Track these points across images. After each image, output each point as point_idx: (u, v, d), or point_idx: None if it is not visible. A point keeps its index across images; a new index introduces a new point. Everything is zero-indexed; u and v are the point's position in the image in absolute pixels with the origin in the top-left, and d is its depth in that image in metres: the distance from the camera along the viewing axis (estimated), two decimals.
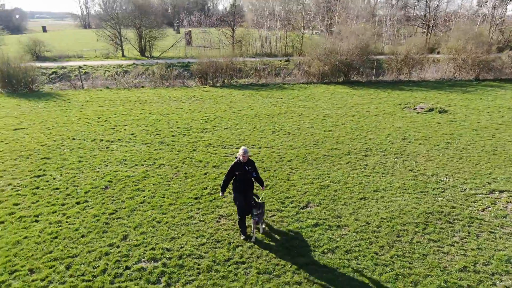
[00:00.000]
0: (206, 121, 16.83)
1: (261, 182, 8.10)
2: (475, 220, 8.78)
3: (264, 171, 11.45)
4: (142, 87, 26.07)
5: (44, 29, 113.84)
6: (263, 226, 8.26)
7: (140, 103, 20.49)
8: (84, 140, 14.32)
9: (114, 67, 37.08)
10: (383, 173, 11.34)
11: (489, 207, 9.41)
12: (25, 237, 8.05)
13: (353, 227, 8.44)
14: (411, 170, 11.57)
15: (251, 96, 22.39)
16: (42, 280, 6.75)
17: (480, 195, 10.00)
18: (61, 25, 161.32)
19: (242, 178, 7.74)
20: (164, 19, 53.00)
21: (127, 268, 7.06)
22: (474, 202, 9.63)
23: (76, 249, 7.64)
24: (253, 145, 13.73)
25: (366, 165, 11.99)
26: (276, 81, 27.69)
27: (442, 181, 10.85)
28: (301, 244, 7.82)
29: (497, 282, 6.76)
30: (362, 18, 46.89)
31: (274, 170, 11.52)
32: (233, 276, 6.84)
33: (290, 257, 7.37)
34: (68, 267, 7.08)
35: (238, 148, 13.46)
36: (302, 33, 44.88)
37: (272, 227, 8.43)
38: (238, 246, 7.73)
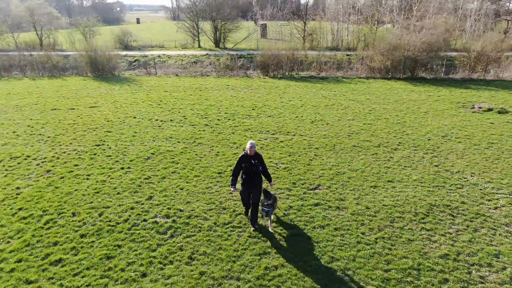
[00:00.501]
0: (253, 109, 17.97)
1: (268, 178, 8.19)
2: (481, 216, 8.78)
3: (289, 155, 12.28)
4: (208, 75, 28.02)
5: (138, 21, 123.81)
6: (271, 221, 8.24)
7: (200, 90, 22.30)
8: (142, 119, 16.33)
9: (188, 56, 39.88)
10: (405, 166, 11.51)
11: (504, 206, 9.26)
12: (76, 190, 9.94)
13: (351, 210, 8.99)
14: (437, 166, 11.55)
15: (306, 88, 23.02)
16: (79, 221, 8.46)
17: (499, 195, 9.81)
18: (155, 17, 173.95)
19: (248, 171, 7.88)
20: (239, 11, 55.09)
21: (144, 220, 8.50)
22: (489, 201, 9.51)
23: (110, 202, 9.30)
24: (288, 132, 14.56)
25: (392, 157, 12.20)
26: (337, 74, 27.87)
27: (464, 178, 10.74)
28: (296, 219, 8.61)
29: (473, 272, 6.95)
30: (443, 12, 44.30)
31: (299, 155, 12.29)
32: (226, 236, 7.92)
33: (281, 228, 8.24)
34: (100, 215, 8.73)
35: (274, 134, 14.41)
36: (376, 27, 43.78)
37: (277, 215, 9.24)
38: (240, 214, 8.77)
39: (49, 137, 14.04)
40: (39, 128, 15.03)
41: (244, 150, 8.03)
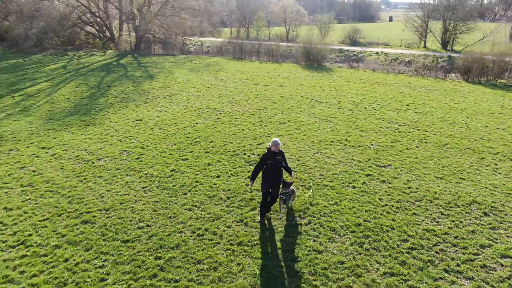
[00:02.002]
0: (407, 104, 19.03)
1: (289, 171, 8.87)
2: None
3: (392, 142, 13.79)
4: (403, 74, 29.02)
5: (390, 19, 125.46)
6: (285, 207, 8.92)
7: (378, 84, 24.23)
8: (306, 98, 20.22)
9: (405, 55, 40.48)
10: (499, 173, 11.34)
11: None
12: (223, 130, 14.98)
13: (392, 185, 10.51)
14: None
15: (493, 96, 21.43)
16: (212, 146, 13.38)
17: None
18: (414, 15, 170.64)
19: (273, 167, 8.35)
20: (477, 12, 49.82)
21: (244, 153, 12.64)
22: None
23: (235, 141, 13.84)
24: (415, 127, 15.50)
25: (496, 164, 11.98)
26: None
27: None
28: (340, 178, 10.90)
29: (440, 245, 7.94)
30: None
31: (400, 144, 13.64)
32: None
33: (321, 179, 10.81)
34: (224, 145, 13.41)
35: (400, 125, 15.72)
36: None
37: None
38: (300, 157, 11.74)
39: (236, 100, 19.85)
40: (234, 94, 21.15)
41: (267, 147, 8.65)
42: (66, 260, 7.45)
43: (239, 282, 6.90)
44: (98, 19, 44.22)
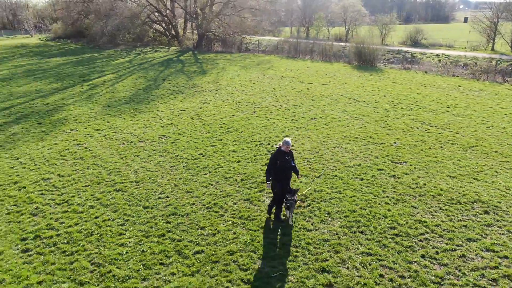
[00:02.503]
0: (448, 107, 18.75)
1: (296, 172, 8.95)
2: None
3: (416, 141, 13.99)
4: (457, 76, 28.05)
5: (465, 20, 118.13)
6: (292, 218, 8.85)
7: (424, 86, 23.83)
8: (345, 97, 20.65)
9: (468, 58, 38.69)
10: None
11: None
12: (255, 123, 16.07)
13: (399, 179, 10.93)
14: None
15: None
16: (240, 136, 14.56)
17: None
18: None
19: (283, 166, 8.49)
20: None
21: (268, 143, 13.66)
22: None
23: (263, 132, 14.88)
24: (447, 128, 15.45)
25: None
26: None
27: None
28: (351, 170, 11.52)
29: (426, 235, 8.39)
30: None
31: (424, 143, 13.80)
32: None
33: (333, 170, 11.51)
34: (252, 135, 14.51)
35: (432, 127, 15.73)
36: None
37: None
38: (311, 156, 12.49)
39: (276, 96, 20.84)
40: (276, 90, 22.15)
41: (277, 147, 8.80)
42: (96, 217, 9.05)
43: (230, 247, 7.98)
44: (165, 18, 47.46)
